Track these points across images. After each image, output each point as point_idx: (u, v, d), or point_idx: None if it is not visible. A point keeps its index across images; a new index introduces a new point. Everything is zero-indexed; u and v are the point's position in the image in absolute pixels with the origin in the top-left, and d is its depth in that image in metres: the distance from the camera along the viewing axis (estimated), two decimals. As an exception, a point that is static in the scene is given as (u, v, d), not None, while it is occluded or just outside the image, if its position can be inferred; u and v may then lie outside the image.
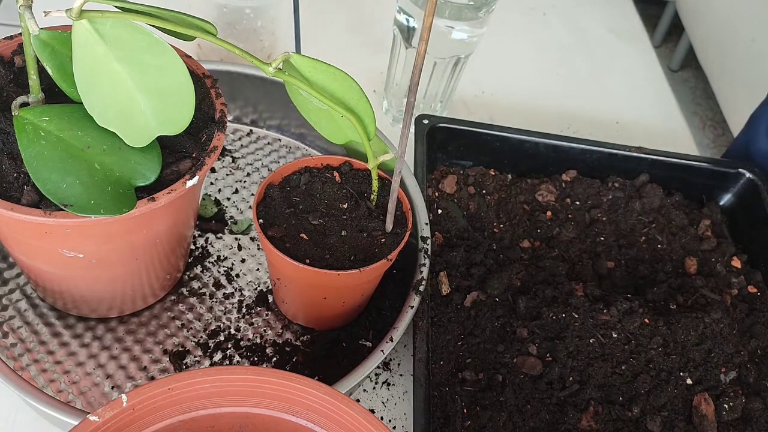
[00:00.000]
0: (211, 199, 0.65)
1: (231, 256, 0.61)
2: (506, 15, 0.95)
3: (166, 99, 0.40)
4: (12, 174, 0.42)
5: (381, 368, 0.58)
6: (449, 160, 0.71)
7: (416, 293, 0.54)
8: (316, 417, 0.38)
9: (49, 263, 0.48)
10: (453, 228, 0.64)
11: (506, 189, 0.69)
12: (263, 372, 0.37)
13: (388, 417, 0.56)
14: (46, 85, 0.43)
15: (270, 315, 0.58)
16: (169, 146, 0.46)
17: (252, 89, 0.69)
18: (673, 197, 0.71)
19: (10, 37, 0.48)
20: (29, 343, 0.54)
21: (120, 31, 0.38)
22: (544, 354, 0.56)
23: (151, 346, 0.55)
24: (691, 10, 2.02)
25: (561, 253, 0.65)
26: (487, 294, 0.59)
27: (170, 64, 0.39)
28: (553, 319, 0.57)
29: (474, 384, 0.54)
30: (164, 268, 0.54)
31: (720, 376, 0.57)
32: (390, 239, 0.51)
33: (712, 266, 0.66)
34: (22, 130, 0.41)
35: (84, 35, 0.37)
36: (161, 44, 0.39)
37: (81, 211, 0.40)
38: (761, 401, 0.56)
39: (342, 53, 0.86)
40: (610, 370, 0.55)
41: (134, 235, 0.47)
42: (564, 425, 0.53)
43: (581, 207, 0.69)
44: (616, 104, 0.89)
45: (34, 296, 0.56)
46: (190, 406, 0.37)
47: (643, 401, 0.54)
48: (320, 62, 0.45)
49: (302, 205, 0.52)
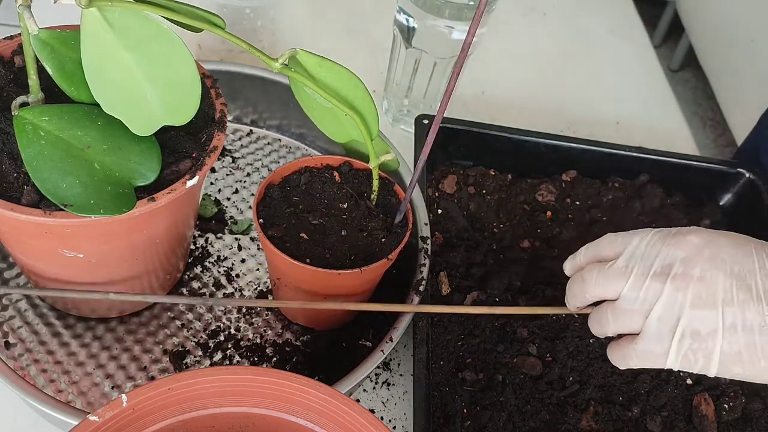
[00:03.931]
0: (211, 199, 0.65)
1: (231, 256, 0.61)
2: (506, 15, 0.95)
3: (172, 89, 0.41)
4: (12, 174, 0.42)
5: (381, 368, 0.58)
6: (449, 160, 0.71)
7: (416, 293, 0.54)
8: (316, 417, 0.38)
9: (49, 263, 0.48)
10: (453, 228, 0.64)
11: (506, 189, 0.69)
12: (263, 372, 0.37)
13: (388, 417, 0.56)
14: (45, 85, 0.43)
15: (270, 315, 0.58)
16: (169, 146, 0.46)
17: (252, 89, 0.69)
18: (673, 197, 0.71)
19: (10, 37, 0.48)
20: (29, 343, 0.54)
21: (129, 20, 0.38)
22: (544, 354, 0.56)
23: (151, 346, 0.55)
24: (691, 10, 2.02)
25: (561, 253, 0.65)
26: (487, 294, 0.59)
27: (178, 54, 0.40)
28: (553, 319, 0.57)
29: (474, 384, 0.54)
30: (164, 268, 0.54)
31: (720, 376, 0.57)
32: (390, 239, 0.51)
33: (712, 266, 0.66)
34: (22, 130, 0.41)
35: (93, 23, 0.37)
36: (169, 35, 0.39)
37: (81, 211, 0.40)
38: (761, 401, 0.56)
39: (342, 53, 0.85)
40: (610, 370, 0.55)
41: (134, 235, 0.47)
42: (564, 425, 0.53)
43: (581, 207, 0.69)
44: (616, 104, 0.89)
45: (34, 296, 0.56)
46: (190, 406, 0.37)
47: (643, 401, 0.54)
48: (327, 60, 0.45)
49: (302, 205, 0.52)
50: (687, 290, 0.40)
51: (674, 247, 0.41)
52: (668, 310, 0.40)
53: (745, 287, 0.39)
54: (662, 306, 0.40)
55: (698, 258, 0.40)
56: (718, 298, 0.39)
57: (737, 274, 0.40)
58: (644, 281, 0.41)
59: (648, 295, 0.41)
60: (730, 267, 0.40)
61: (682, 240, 0.41)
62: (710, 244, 0.41)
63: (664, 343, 0.40)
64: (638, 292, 0.41)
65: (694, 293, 0.40)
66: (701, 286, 0.40)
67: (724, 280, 0.40)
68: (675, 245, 0.41)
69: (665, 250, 0.41)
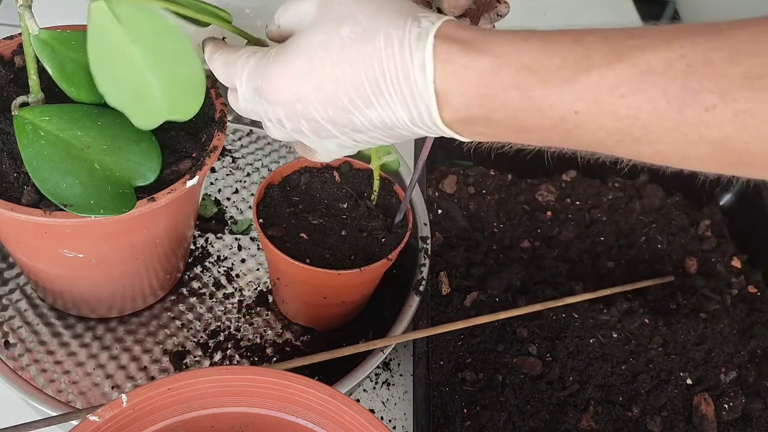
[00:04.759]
0: (211, 199, 0.65)
1: (231, 256, 0.61)
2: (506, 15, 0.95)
3: (177, 84, 0.41)
4: (12, 174, 0.42)
5: (381, 368, 0.58)
6: (449, 160, 0.71)
7: (416, 293, 0.54)
8: (316, 417, 0.38)
9: (49, 263, 0.48)
10: (453, 228, 0.64)
11: (506, 189, 0.69)
12: (263, 372, 0.37)
13: (388, 417, 0.56)
14: (46, 85, 0.43)
15: (270, 315, 0.58)
16: (169, 146, 0.46)
17: (252, 89, 0.69)
18: (673, 197, 0.71)
19: (10, 37, 0.48)
20: (29, 343, 0.54)
21: (136, 13, 0.38)
22: (544, 354, 0.56)
23: (151, 346, 0.55)
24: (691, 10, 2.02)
25: (561, 253, 0.65)
26: (487, 294, 0.59)
27: (184, 50, 0.40)
28: (553, 319, 0.57)
29: (474, 384, 0.54)
30: (164, 268, 0.54)
31: (720, 376, 0.57)
32: (390, 239, 0.51)
33: (712, 266, 0.66)
34: (22, 130, 0.41)
35: (100, 16, 0.37)
36: (176, 31, 0.39)
37: (81, 211, 0.40)
38: (761, 401, 0.56)
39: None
40: (610, 370, 0.55)
41: (134, 235, 0.47)
42: (564, 425, 0.52)
43: (581, 207, 0.69)
44: (616, 104, 0.89)
45: (34, 296, 0.56)
46: (190, 406, 0.37)
47: (643, 401, 0.54)
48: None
49: (302, 205, 0.52)
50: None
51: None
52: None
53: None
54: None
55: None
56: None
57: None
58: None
59: None
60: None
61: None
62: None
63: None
64: None
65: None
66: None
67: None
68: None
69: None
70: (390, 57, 0.33)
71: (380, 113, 0.34)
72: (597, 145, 0.32)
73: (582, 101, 0.30)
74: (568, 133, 0.31)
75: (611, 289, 0.58)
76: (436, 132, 0.35)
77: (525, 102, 0.31)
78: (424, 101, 0.33)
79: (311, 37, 0.34)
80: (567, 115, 0.30)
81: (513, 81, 0.31)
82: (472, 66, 0.31)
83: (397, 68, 0.32)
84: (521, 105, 0.31)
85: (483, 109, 0.32)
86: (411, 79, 0.32)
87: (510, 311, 0.54)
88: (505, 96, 0.31)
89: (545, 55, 0.31)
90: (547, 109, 0.31)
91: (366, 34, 0.33)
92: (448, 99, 0.32)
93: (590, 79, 0.29)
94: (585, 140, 0.31)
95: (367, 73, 0.33)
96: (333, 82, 0.34)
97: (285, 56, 0.35)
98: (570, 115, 0.30)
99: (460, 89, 0.32)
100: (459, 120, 0.33)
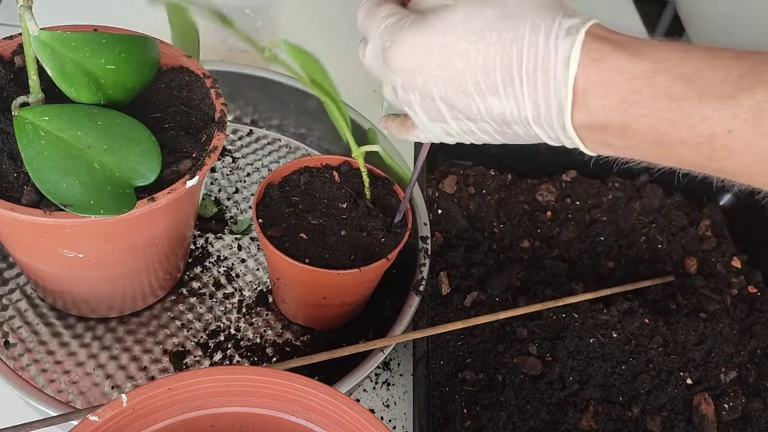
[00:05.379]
0: (211, 199, 0.65)
1: (231, 256, 0.61)
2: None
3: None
4: (12, 174, 0.42)
5: (381, 368, 0.58)
6: (449, 160, 0.71)
7: (416, 293, 0.54)
8: (316, 417, 0.38)
9: (49, 263, 0.48)
10: (453, 228, 0.64)
11: (506, 189, 0.69)
12: (263, 372, 0.37)
13: (388, 417, 0.56)
14: (46, 85, 0.43)
15: (270, 315, 0.58)
16: (169, 146, 0.46)
17: (252, 89, 0.69)
18: (673, 197, 0.71)
19: (10, 37, 0.48)
20: (29, 343, 0.54)
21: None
22: (544, 354, 0.56)
23: (151, 346, 0.55)
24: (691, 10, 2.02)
25: (561, 253, 0.65)
26: (487, 294, 0.59)
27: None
28: (553, 319, 0.57)
29: (474, 384, 0.54)
30: (164, 268, 0.54)
31: (720, 376, 0.57)
32: (389, 239, 0.51)
33: (712, 266, 0.66)
34: (22, 130, 0.41)
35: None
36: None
37: (81, 211, 0.40)
38: (761, 401, 0.56)
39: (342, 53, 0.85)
40: (610, 370, 0.55)
41: (134, 235, 0.47)
42: (564, 425, 0.52)
43: (581, 207, 0.69)
44: (616, 104, 0.89)
45: (34, 296, 0.56)
46: (190, 406, 0.37)
47: (643, 401, 0.54)
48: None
49: (302, 205, 0.52)
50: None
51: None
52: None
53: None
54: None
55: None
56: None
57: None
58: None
59: None
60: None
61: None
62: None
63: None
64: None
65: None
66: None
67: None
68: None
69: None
70: (532, 45, 0.31)
71: (503, 103, 0.32)
72: (740, 172, 0.30)
73: (738, 119, 0.28)
74: (712, 154, 0.29)
75: (611, 289, 0.58)
76: (557, 136, 0.33)
77: (674, 113, 0.29)
78: (558, 97, 0.31)
79: (452, 13, 0.33)
80: (718, 132, 0.28)
81: (666, 89, 0.29)
82: (624, 68, 0.29)
83: (537, 59, 0.31)
84: (669, 116, 0.29)
85: (623, 116, 0.30)
86: (550, 72, 0.30)
87: (510, 311, 0.54)
88: (653, 104, 0.29)
89: (707, 67, 0.28)
90: (698, 124, 0.28)
91: (512, 19, 0.31)
92: (585, 100, 0.30)
93: (754, 97, 0.27)
94: (728, 165, 0.29)
95: (502, 59, 0.31)
96: (463, 61, 0.32)
97: (420, 26, 0.33)
98: (722, 133, 0.28)
99: (603, 91, 0.30)
100: (590, 125, 0.31)
